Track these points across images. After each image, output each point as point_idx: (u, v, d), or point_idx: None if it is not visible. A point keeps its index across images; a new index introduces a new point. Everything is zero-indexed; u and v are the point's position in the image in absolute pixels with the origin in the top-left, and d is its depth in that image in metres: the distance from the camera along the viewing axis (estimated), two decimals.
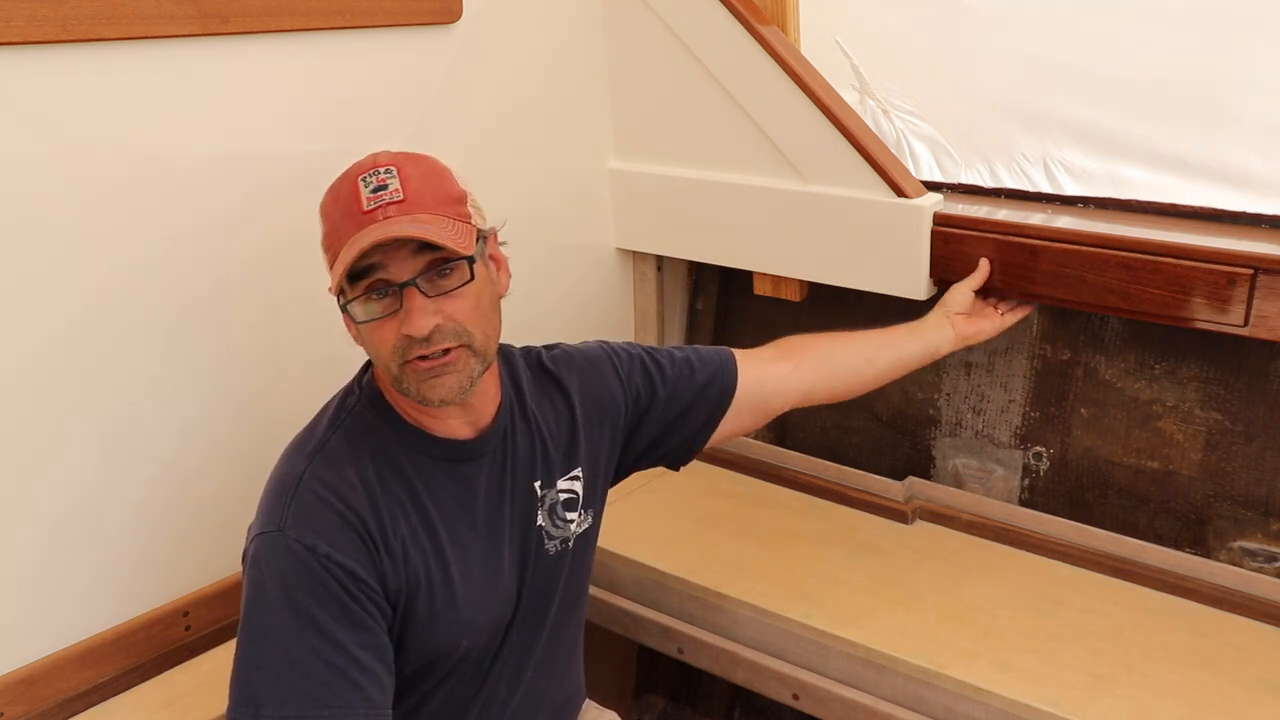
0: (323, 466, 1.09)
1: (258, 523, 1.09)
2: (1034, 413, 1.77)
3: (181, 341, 1.39)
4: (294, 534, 1.04)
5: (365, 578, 1.05)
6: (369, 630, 1.05)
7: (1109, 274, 1.48)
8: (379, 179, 1.04)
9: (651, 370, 1.34)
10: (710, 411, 1.37)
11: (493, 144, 1.74)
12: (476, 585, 1.15)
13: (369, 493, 1.09)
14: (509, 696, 1.25)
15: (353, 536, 1.06)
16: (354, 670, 1.03)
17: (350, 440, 1.12)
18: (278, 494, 1.08)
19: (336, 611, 1.03)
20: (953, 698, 1.38)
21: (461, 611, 1.14)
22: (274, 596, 1.03)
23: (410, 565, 1.10)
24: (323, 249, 1.10)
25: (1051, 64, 1.66)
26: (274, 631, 1.02)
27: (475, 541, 1.17)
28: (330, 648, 1.02)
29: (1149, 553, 1.59)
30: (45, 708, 1.33)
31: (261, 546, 1.05)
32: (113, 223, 1.29)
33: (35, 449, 1.27)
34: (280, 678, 1.01)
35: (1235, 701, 1.33)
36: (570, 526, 1.25)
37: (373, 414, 1.14)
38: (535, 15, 1.77)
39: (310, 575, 1.03)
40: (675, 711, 2.26)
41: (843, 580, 1.61)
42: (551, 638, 1.28)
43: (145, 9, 1.25)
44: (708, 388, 1.36)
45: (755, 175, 1.80)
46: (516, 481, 1.21)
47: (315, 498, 1.06)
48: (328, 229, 1.08)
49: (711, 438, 1.38)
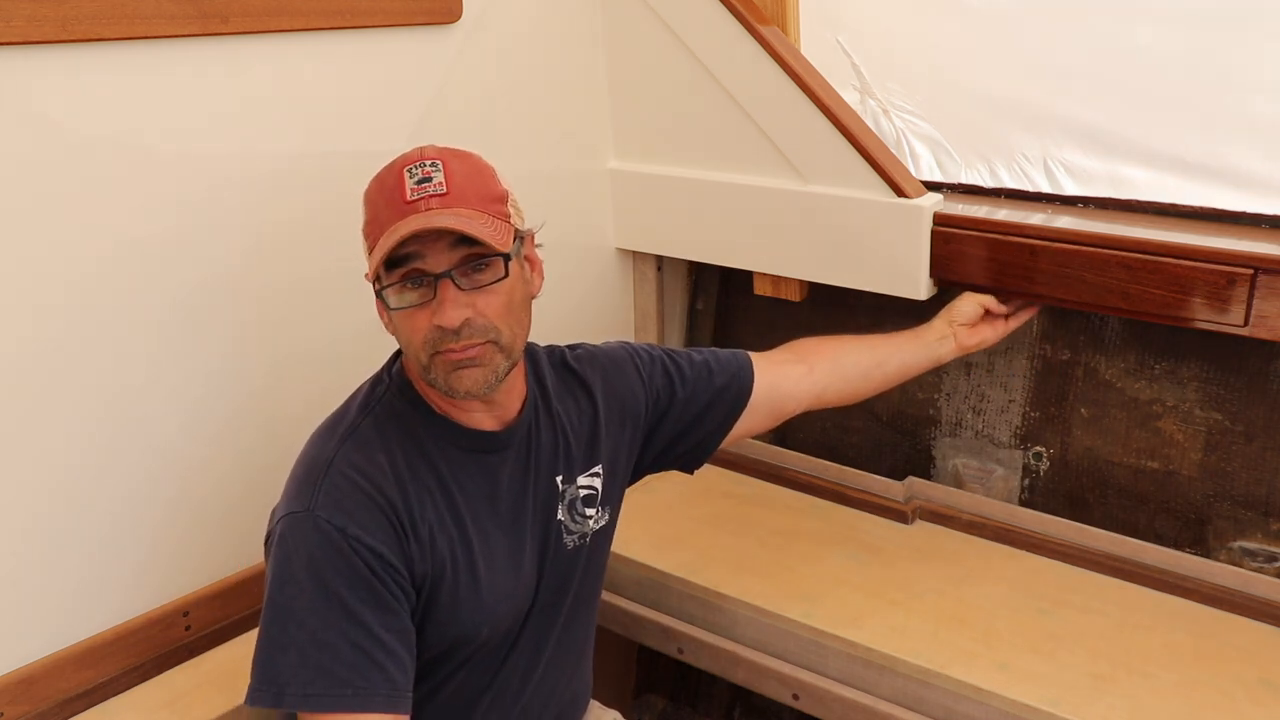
0: (353, 450, 1.10)
1: (285, 504, 1.09)
2: (1034, 413, 1.77)
3: (182, 339, 1.39)
4: (324, 514, 1.05)
5: (393, 561, 1.06)
6: (394, 613, 1.06)
7: (1109, 274, 1.48)
8: (424, 171, 1.06)
9: (672, 372, 1.37)
10: (726, 413, 1.39)
11: (493, 144, 1.72)
12: (500, 573, 1.17)
13: (398, 478, 1.10)
14: (521, 689, 1.25)
15: (382, 520, 1.07)
16: (379, 652, 1.03)
17: (380, 426, 1.13)
18: (307, 475, 1.09)
19: (364, 593, 1.04)
20: (953, 698, 1.38)
21: (484, 599, 1.15)
22: (301, 576, 1.03)
23: (436, 551, 1.11)
24: (363, 235, 1.11)
25: (1051, 64, 1.66)
26: (300, 611, 1.02)
27: (498, 531, 1.18)
28: (356, 629, 1.02)
29: (1149, 553, 1.59)
30: (45, 708, 1.33)
31: (290, 526, 1.06)
32: (112, 221, 1.29)
33: (33, 447, 1.27)
34: (306, 657, 1.01)
35: (1235, 701, 1.33)
36: (589, 523, 1.27)
37: (402, 402, 1.16)
38: (535, 15, 1.77)
39: (339, 556, 1.03)
40: (675, 711, 2.26)
41: (842, 580, 1.61)
42: (565, 633, 1.29)
43: (145, 9, 1.25)
44: (725, 390, 1.38)
45: (755, 175, 1.80)
46: (539, 475, 1.23)
47: (346, 480, 1.07)
48: (369, 215, 1.09)
49: (726, 439, 1.40)
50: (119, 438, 1.35)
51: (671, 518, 1.81)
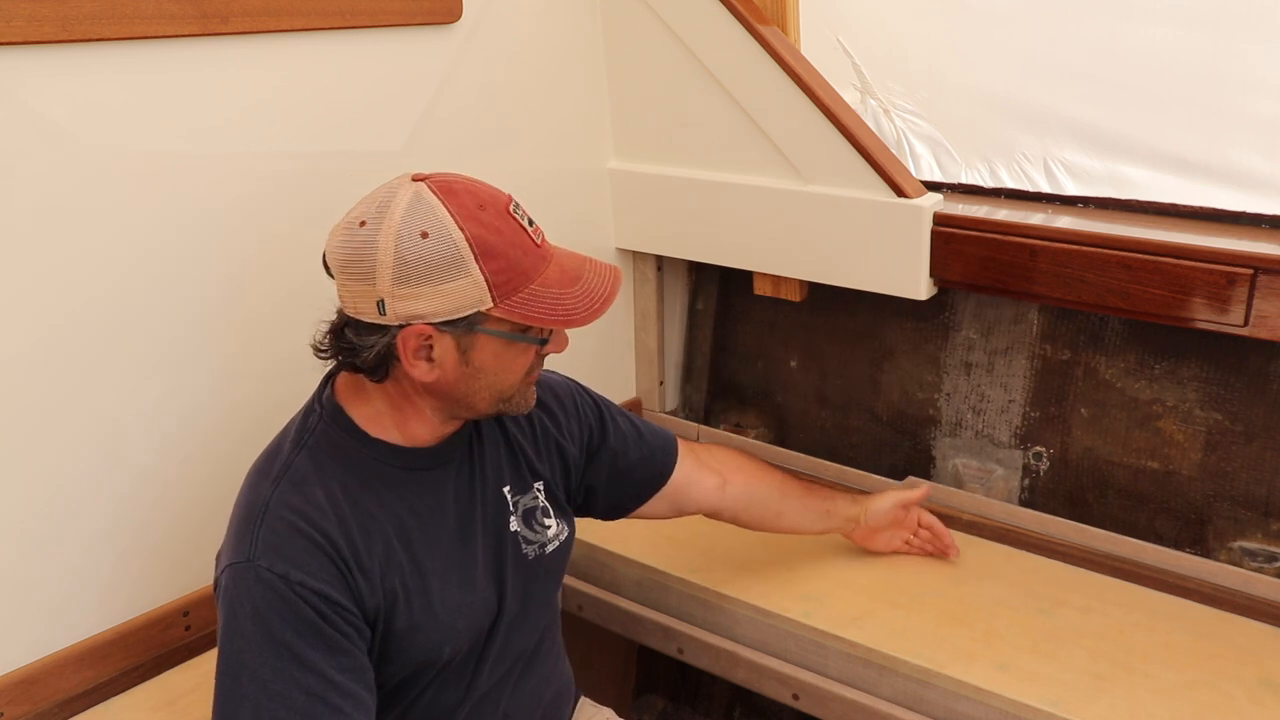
0: (288, 490, 1.08)
1: (226, 553, 1.08)
2: (1034, 413, 1.77)
3: (181, 338, 1.39)
4: (264, 563, 1.03)
5: (340, 600, 1.04)
6: (347, 653, 1.05)
7: (1109, 274, 1.48)
8: (523, 211, 1.09)
9: (607, 420, 1.38)
10: (648, 482, 1.42)
11: (493, 144, 1.74)
12: (453, 589, 1.16)
13: (337, 512, 1.08)
14: (498, 698, 1.25)
15: (324, 560, 1.05)
16: (334, 695, 1.02)
17: (316, 459, 1.11)
18: (244, 522, 1.07)
19: (313, 638, 1.02)
20: (952, 698, 1.38)
21: (440, 618, 1.14)
22: (248, 628, 1.02)
23: (386, 581, 1.10)
24: (488, 284, 1.04)
25: (1052, 64, 1.66)
26: (250, 663, 1.01)
27: (449, 546, 1.17)
28: (309, 675, 1.01)
29: (1149, 553, 1.59)
30: (45, 708, 1.33)
31: (232, 578, 1.04)
32: (110, 224, 1.29)
33: (34, 447, 1.27)
34: (260, 710, 1.00)
35: (1235, 701, 1.33)
36: (548, 533, 1.27)
37: (336, 430, 1.13)
38: (535, 15, 1.77)
39: (284, 604, 1.02)
40: (675, 711, 2.26)
41: (843, 580, 1.61)
42: (539, 638, 1.29)
43: (145, 9, 1.25)
44: (651, 458, 1.41)
45: (755, 175, 1.80)
46: (486, 486, 1.22)
47: (283, 523, 1.05)
48: (499, 266, 1.04)
49: (634, 513, 1.44)
50: (119, 437, 1.35)
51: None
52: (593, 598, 1.73)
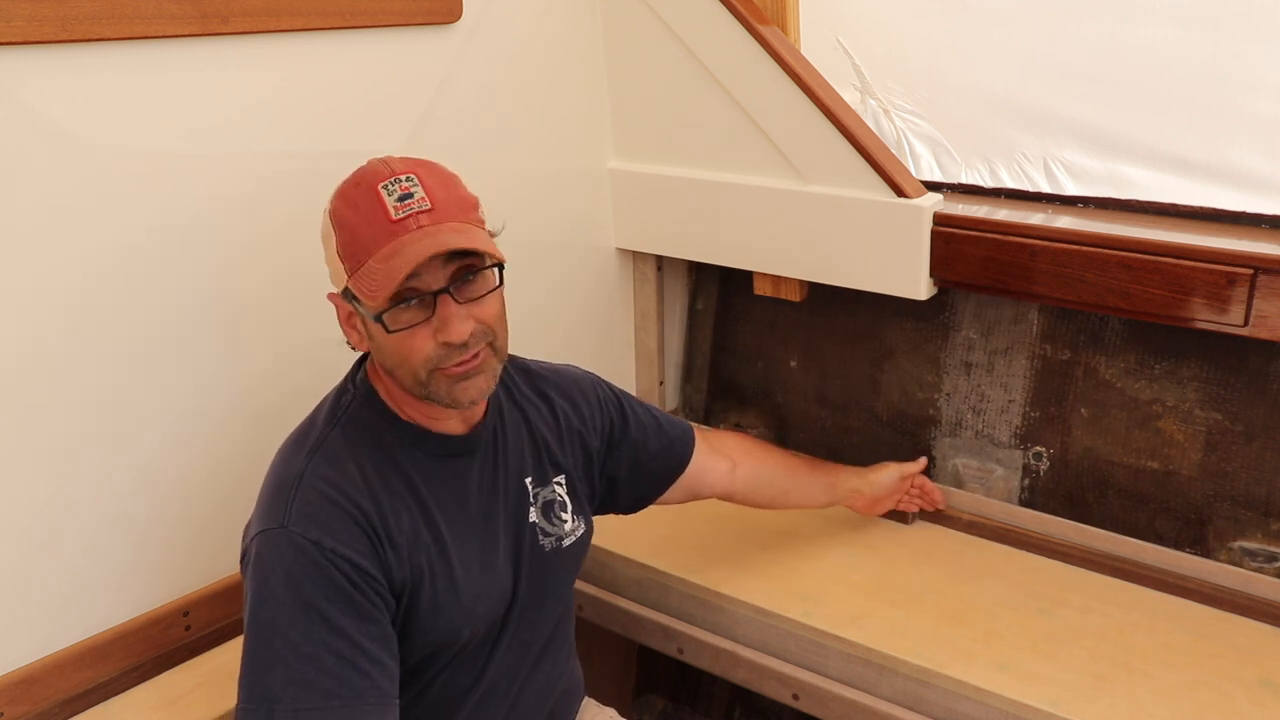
0: (322, 463, 1.10)
1: (258, 521, 1.09)
2: (1034, 413, 1.77)
3: (181, 339, 1.39)
4: (298, 529, 1.05)
5: (370, 570, 1.06)
6: (375, 622, 1.06)
7: (1109, 274, 1.48)
8: (402, 187, 1.04)
9: (628, 412, 1.40)
10: (667, 471, 1.45)
11: (493, 144, 1.74)
12: (475, 573, 1.17)
13: (370, 487, 1.10)
14: (509, 687, 1.26)
15: (356, 530, 1.07)
16: (363, 661, 1.04)
17: (348, 437, 1.13)
18: (278, 491, 1.09)
19: (344, 604, 1.04)
20: (952, 698, 1.38)
21: (463, 600, 1.15)
22: (280, 593, 1.03)
23: (413, 557, 1.11)
24: (338, 256, 1.07)
25: (1052, 64, 1.66)
26: (282, 627, 1.02)
27: (471, 532, 1.19)
28: (339, 639, 1.03)
29: (1149, 553, 1.59)
30: (45, 708, 1.33)
31: (265, 544, 1.06)
32: (110, 224, 1.29)
33: (34, 446, 1.27)
34: (292, 672, 1.01)
35: (1235, 701, 1.33)
36: (565, 527, 1.28)
37: (369, 411, 1.16)
38: (535, 15, 1.77)
39: (316, 569, 1.04)
40: (675, 711, 2.26)
41: (843, 580, 1.61)
42: (550, 630, 1.31)
43: (145, 9, 1.25)
44: (670, 448, 1.44)
45: (755, 175, 1.80)
46: (509, 476, 1.24)
47: (318, 493, 1.07)
48: (345, 237, 1.06)
49: (657, 499, 1.47)
50: (119, 436, 1.35)
51: (671, 518, 1.80)
52: (593, 598, 1.74)
